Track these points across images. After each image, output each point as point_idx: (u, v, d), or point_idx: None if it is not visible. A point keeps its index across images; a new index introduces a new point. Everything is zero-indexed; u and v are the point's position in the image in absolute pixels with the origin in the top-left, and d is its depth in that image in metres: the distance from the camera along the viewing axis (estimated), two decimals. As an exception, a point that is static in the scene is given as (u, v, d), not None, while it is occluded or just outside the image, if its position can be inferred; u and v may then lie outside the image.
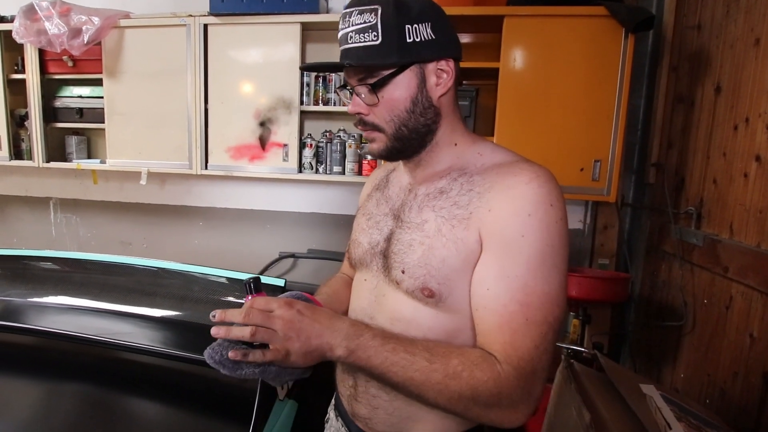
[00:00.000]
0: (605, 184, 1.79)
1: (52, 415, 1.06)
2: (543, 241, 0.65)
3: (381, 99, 0.72)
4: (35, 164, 2.37)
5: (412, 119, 0.73)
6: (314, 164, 2.13)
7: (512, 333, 0.64)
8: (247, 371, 0.66)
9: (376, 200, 0.87)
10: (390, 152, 0.76)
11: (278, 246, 2.43)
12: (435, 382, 0.64)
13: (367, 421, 0.81)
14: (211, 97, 2.14)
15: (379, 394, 0.78)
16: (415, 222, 0.75)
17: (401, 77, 0.71)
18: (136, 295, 1.49)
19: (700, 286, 1.68)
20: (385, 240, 0.79)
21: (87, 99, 2.35)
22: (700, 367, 1.65)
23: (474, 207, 0.70)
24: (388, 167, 0.95)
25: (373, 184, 0.93)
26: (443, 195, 0.74)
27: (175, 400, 1.13)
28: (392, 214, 0.81)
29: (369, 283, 0.82)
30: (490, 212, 0.68)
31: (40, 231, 2.77)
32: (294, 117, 2.08)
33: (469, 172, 0.74)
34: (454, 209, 0.72)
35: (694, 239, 1.68)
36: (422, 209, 0.75)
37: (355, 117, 0.77)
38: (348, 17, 0.70)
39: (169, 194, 2.59)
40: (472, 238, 0.69)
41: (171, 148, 2.21)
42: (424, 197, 0.76)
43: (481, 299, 0.68)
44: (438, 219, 0.72)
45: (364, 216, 0.87)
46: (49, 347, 1.33)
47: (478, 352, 0.66)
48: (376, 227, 0.82)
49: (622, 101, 1.75)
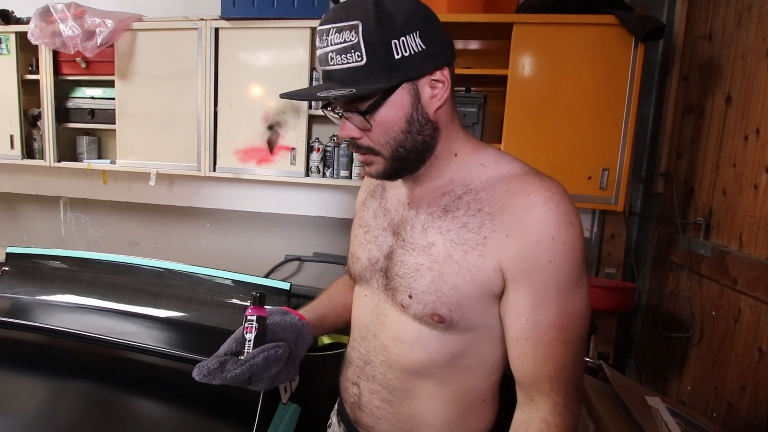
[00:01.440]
0: (613, 193, 1.78)
1: (57, 413, 1.06)
2: (569, 262, 0.63)
3: (374, 123, 0.66)
4: (47, 163, 2.40)
5: (409, 139, 0.67)
6: (321, 168, 2.13)
7: (555, 361, 0.65)
8: (233, 372, 0.70)
9: (373, 211, 0.82)
10: (389, 174, 0.71)
11: (284, 249, 2.44)
12: None
13: (370, 429, 0.81)
14: (221, 99, 2.16)
15: (383, 406, 0.78)
16: (420, 244, 0.71)
17: (393, 97, 0.64)
18: (142, 295, 1.50)
19: (708, 298, 1.66)
20: (386, 258, 0.76)
21: (99, 100, 2.38)
22: (706, 380, 1.63)
23: (488, 231, 0.65)
24: None
25: (368, 189, 0.89)
26: (448, 215, 0.69)
27: (178, 401, 1.13)
28: (391, 229, 0.77)
29: (370, 299, 0.80)
30: (508, 238, 0.64)
31: (49, 229, 2.80)
32: (302, 121, 2.09)
33: (474, 188, 0.69)
34: (464, 233, 0.67)
35: (702, 250, 1.66)
36: (427, 230, 0.70)
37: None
38: (325, 35, 0.63)
39: (177, 195, 2.61)
40: (489, 266, 0.65)
41: (180, 150, 2.23)
42: (427, 216, 0.71)
43: (522, 331, 0.66)
44: (447, 243, 0.68)
45: (362, 228, 0.83)
46: (56, 345, 1.34)
47: (537, 425, 0.67)
48: (374, 242, 0.79)
49: (631, 110, 1.74)
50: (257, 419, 1.01)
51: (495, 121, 2.00)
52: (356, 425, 0.84)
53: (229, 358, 0.72)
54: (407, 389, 0.76)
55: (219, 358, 0.72)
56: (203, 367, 0.71)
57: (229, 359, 0.72)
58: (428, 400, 0.76)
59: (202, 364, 0.71)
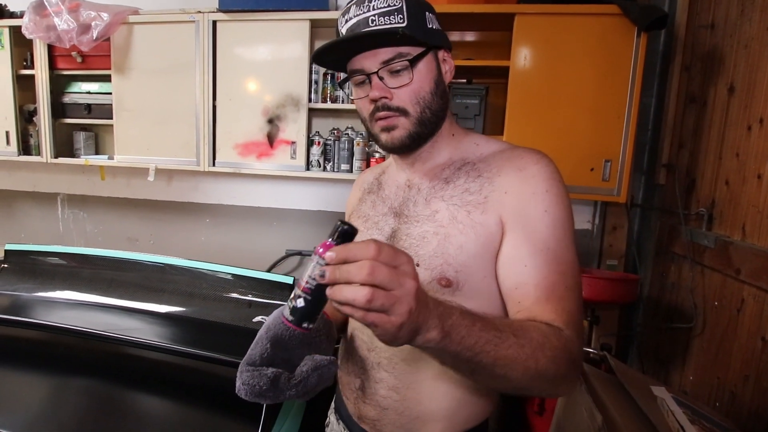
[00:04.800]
0: (615, 185, 1.78)
1: (58, 410, 1.06)
2: (563, 213, 0.69)
3: (413, 79, 0.71)
4: (43, 160, 2.37)
5: (434, 102, 0.74)
6: (322, 162, 2.12)
7: (559, 300, 0.65)
8: (287, 394, 0.63)
9: (371, 202, 0.86)
10: (413, 138, 0.75)
11: (285, 243, 2.43)
12: (525, 357, 0.57)
13: (375, 422, 0.80)
14: (220, 93, 2.14)
15: (389, 395, 0.78)
16: (423, 215, 0.75)
17: (428, 58, 0.72)
18: (143, 291, 1.49)
19: (711, 288, 1.66)
20: (388, 238, 0.78)
21: (95, 95, 2.35)
22: (709, 370, 1.64)
23: (488, 192, 0.72)
24: (376, 171, 0.95)
25: (364, 188, 0.92)
26: (450, 184, 0.75)
27: (183, 397, 1.13)
28: (392, 213, 0.81)
29: None
30: (506, 194, 0.71)
31: (47, 227, 2.78)
32: (302, 114, 2.07)
33: (471, 161, 0.77)
34: (466, 196, 0.73)
35: (705, 241, 1.66)
36: (430, 201, 0.76)
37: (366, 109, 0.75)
38: (365, 2, 0.70)
39: (176, 191, 2.59)
40: (491, 221, 0.70)
41: (179, 145, 2.21)
42: (430, 190, 0.77)
43: (521, 276, 0.68)
44: (451, 207, 0.73)
45: (360, 218, 0.86)
46: (57, 342, 1.33)
47: (544, 323, 0.63)
48: (375, 227, 0.82)
49: (634, 100, 1.73)
50: (263, 414, 1.00)
51: (497, 112, 1.99)
52: (359, 420, 0.83)
53: (280, 374, 0.64)
54: (414, 371, 0.76)
55: (267, 374, 0.63)
56: (253, 386, 0.62)
57: (281, 376, 0.63)
58: (435, 381, 0.76)
59: (248, 381, 0.63)
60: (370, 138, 0.81)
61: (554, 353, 0.59)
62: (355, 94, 0.77)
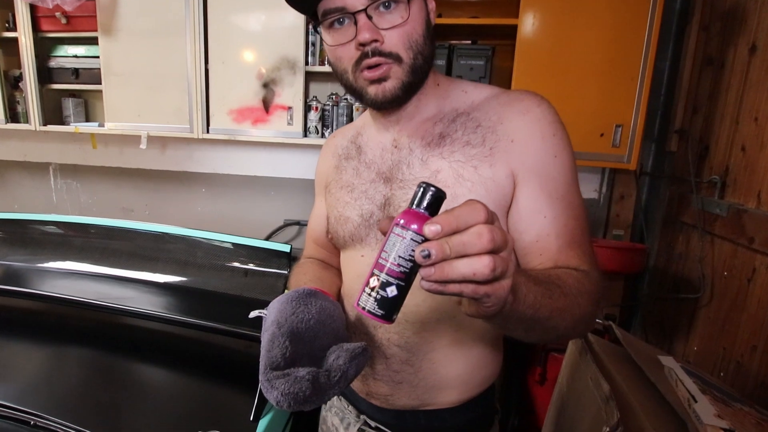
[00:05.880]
0: (626, 151, 1.71)
1: (49, 380, 1.03)
2: (570, 157, 0.66)
3: (407, 18, 0.62)
4: (32, 127, 2.29)
5: (426, 47, 0.65)
6: (320, 128, 2.04)
7: (579, 245, 0.64)
8: (331, 393, 0.55)
9: (353, 169, 0.76)
10: (405, 89, 0.65)
11: (283, 213, 2.38)
12: (571, 305, 0.55)
13: (388, 397, 0.77)
14: (212, 56, 2.04)
15: (403, 368, 0.74)
16: (423, 176, 0.67)
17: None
18: (136, 259, 1.45)
19: (721, 258, 1.62)
20: (381, 207, 0.71)
21: (82, 59, 2.25)
22: (715, 340, 1.61)
23: (492, 142, 0.66)
24: (348, 133, 0.83)
25: (338, 154, 0.81)
26: (446, 139, 0.68)
27: (177, 366, 1.10)
28: (381, 178, 0.72)
29: (369, 258, 0.74)
30: (513, 143, 0.65)
31: (40, 197, 2.72)
32: (299, 78, 1.98)
33: (464, 111, 0.69)
34: (468, 150, 0.66)
35: (717, 209, 1.60)
36: (427, 161, 0.68)
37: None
38: None
39: (171, 159, 2.52)
40: (501, 174, 0.65)
41: (171, 111, 2.13)
42: (424, 149, 0.69)
43: (542, 228, 0.64)
44: (454, 164, 0.66)
45: (343, 189, 0.77)
46: (50, 312, 1.30)
47: (572, 269, 0.61)
48: (363, 197, 0.73)
49: (649, 62, 1.64)
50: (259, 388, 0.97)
51: (503, 75, 1.90)
52: (368, 397, 0.80)
53: (317, 374, 0.55)
54: (427, 341, 0.72)
55: (306, 377, 0.53)
56: (296, 394, 0.52)
57: (318, 376, 0.55)
58: (449, 348, 0.73)
59: (288, 390, 0.52)
60: (349, 93, 0.70)
61: (590, 296, 0.58)
62: (331, 39, 0.65)
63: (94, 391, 0.99)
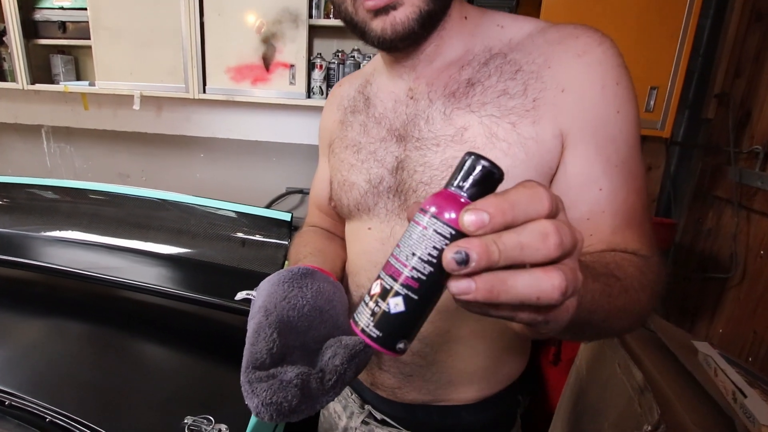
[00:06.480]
0: (660, 117, 1.55)
1: (30, 357, 0.95)
2: (635, 114, 0.53)
3: None
4: (19, 86, 2.16)
5: None
6: (324, 88, 1.89)
7: (640, 225, 0.53)
8: (325, 399, 0.44)
9: (361, 125, 0.64)
10: (423, 18, 0.51)
11: (285, 181, 2.26)
12: (631, 303, 0.45)
13: (395, 390, 0.67)
14: (207, 7, 1.87)
15: (414, 361, 0.64)
16: (445, 134, 0.55)
17: None
18: (126, 227, 1.36)
19: (758, 236, 1.49)
20: (393, 172, 0.59)
21: (69, 11, 2.10)
22: (745, 323, 1.51)
23: (536, 92, 0.52)
24: (355, 82, 0.70)
25: (344, 106, 0.69)
26: (477, 87, 0.54)
27: (168, 340, 1.01)
28: (393, 136, 0.60)
29: (378, 232, 0.62)
30: (564, 92, 0.51)
31: (34, 162, 2.62)
32: (302, 33, 1.81)
33: (500, 52, 0.55)
34: (505, 101, 0.53)
35: (758, 182, 1.46)
36: (451, 115, 0.55)
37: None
38: None
39: (167, 122, 2.39)
40: (547, 133, 0.51)
41: (165, 69, 1.98)
42: (447, 99, 0.56)
43: (596, 204, 0.51)
44: (485, 120, 0.53)
45: (348, 149, 0.65)
46: (32, 281, 1.22)
47: (632, 254, 0.50)
48: (372, 159, 0.61)
49: (692, 18, 1.47)
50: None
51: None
52: (373, 387, 0.70)
53: (307, 376, 0.43)
54: (444, 332, 0.62)
55: (292, 383, 0.42)
56: (279, 404, 0.41)
57: (309, 380, 0.43)
58: (469, 340, 0.62)
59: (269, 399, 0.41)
60: (351, 30, 0.57)
61: (652, 289, 0.48)
62: None
63: (76, 370, 0.91)
